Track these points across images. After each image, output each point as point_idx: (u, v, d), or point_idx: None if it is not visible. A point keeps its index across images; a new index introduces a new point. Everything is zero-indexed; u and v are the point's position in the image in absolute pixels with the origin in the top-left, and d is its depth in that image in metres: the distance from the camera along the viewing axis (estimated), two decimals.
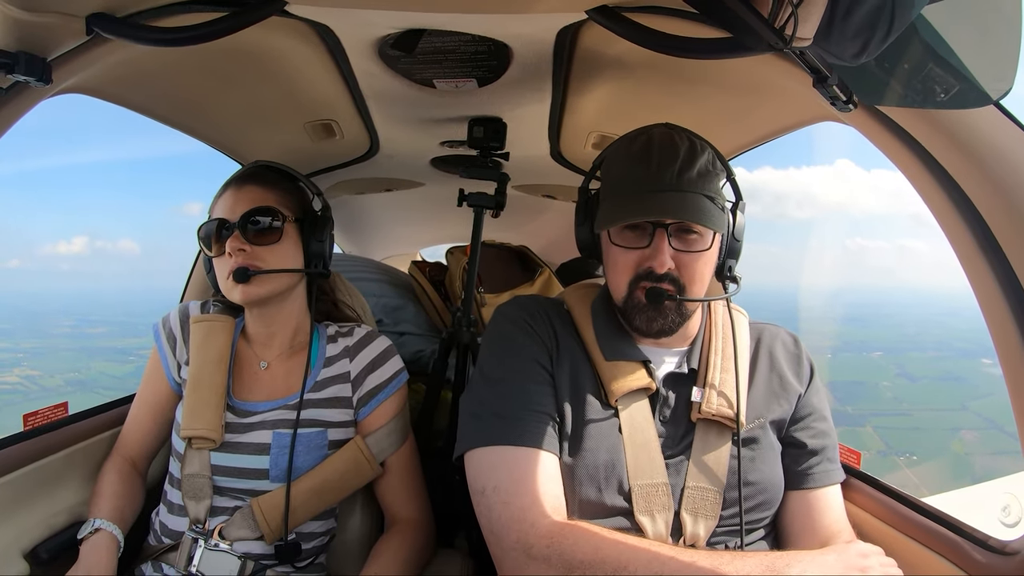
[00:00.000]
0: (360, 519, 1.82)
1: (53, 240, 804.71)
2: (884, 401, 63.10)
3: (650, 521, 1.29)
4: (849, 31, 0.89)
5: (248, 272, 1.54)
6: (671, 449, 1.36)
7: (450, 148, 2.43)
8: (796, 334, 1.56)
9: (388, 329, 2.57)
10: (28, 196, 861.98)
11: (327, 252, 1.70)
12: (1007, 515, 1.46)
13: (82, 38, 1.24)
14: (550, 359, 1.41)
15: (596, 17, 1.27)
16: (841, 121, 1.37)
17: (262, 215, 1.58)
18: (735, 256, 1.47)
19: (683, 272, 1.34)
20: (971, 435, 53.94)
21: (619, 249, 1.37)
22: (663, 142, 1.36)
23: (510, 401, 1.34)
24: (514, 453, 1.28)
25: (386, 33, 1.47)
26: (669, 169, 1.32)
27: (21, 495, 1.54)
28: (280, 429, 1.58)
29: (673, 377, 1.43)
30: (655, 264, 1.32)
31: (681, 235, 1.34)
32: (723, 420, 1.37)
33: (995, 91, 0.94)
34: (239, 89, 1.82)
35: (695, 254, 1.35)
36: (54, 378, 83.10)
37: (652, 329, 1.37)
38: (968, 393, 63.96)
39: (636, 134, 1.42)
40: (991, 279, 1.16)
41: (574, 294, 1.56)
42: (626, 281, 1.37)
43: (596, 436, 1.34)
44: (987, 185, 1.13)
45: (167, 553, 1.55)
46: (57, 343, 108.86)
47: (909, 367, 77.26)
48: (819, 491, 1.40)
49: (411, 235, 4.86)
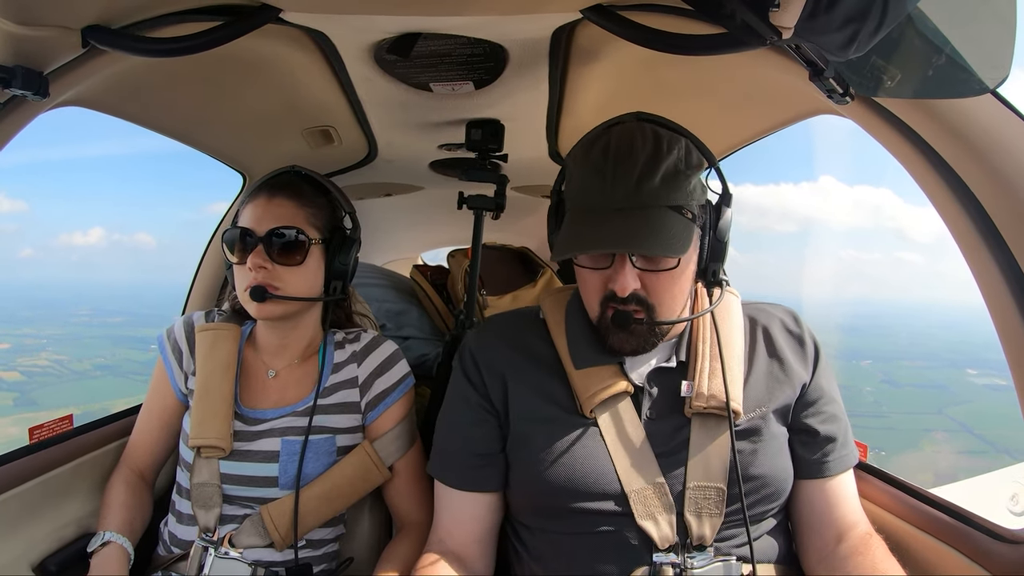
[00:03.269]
0: (369, 524, 1.82)
1: (70, 230, 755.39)
2: (864, 404, 65.77)
3: (654, 525, 1.26)
4: (834, 22, 0.88)
5: (266, 294, 1.53)
6: (664, 446, 1.32)
7: (448, 151, 2.43)
8: (796, 311, 1.48)
9: (392, 334, 2.58)
10: (51, 187, 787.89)
11: (350, 273, 1.69)
12: (1016, 504, 1.47)
13: (78, 51, 1.25)
14: (502, 388, 1.41)
15: (591, 16, 1.28)
16: (838, 114, 1.36)
17: (288, 234, 1.56)
18: (719, 258, 1.36)
19: (651, 293, 1.28)
20: (942, 436, 58.38)
21: (584, 270, 1.32)
22: (620, 146, 1.26)
23: (452, 442, 1.47)
24: (446, 491, 1.46)
25: (382, 38, 1.47)
26: (625, 182, 1.23)
27: (29, 508, 1.54)
28: (289, 436, 1.58)
29: (660, 372, 1.38)
30: (616, 288, 1.26)
31: (644, 255, 1.26)
32: (718, 412, 1.31)
33: (991, 80, 0.94)
34: (236, 98, 1.83)
35: (662, 273, 1.27)
36: (83, 363, 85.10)
37: (626, 350, 1.33)
38: (948, 400, 67.51)
39: (597, 134, 1.33)
40: (993, 267, 1.16)
41: (549, 300, 1.52)
42: (596, 301, 1.32)
43: (575, 450, 1.32)
44: (986, 174, 1.13)
45: (177, 563, 1.56)
46: (78, 331, 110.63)
47: (895, 375, 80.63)
48: (835, 479, 1.36)
49: (412, 239, 4.86)
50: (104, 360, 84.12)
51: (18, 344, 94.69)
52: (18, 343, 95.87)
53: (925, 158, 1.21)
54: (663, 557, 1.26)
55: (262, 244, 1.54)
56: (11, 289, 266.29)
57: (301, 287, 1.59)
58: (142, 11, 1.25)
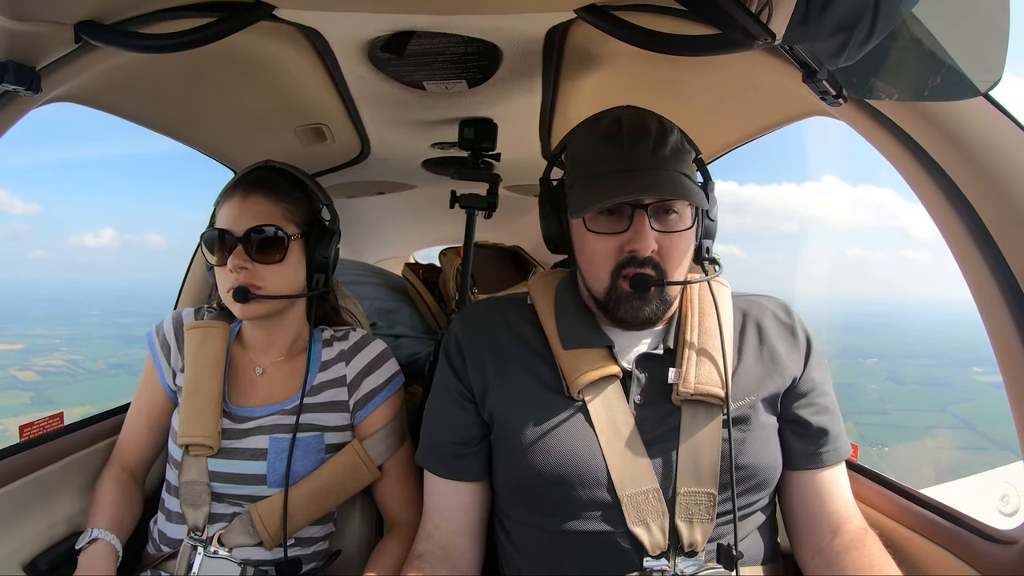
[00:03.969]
0: (359, 523, 1.82)
1: (80, 232, 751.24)
2: (869, 401, 66.16)
3: (645, 531, 1.25)
4: (826, 28, 0.89)
5: (249, 294, 1.52)
6: (653, 432, 1.31)
7: (441, 150, 2.43)
8: (787, 303, 1.49)
9: (383, 332, 2.57)
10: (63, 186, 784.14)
11: (331, 265, 1.69)
12: (1006, 504, 1.48)
13: (71, 46, 1.24)
14: (482, 373, 1.42)
15: (585, 16, 1.28)
16: (831, 115, 1.37)
17: (267, 232, 1.55)
18: (711, 236, 1.42)
19: (664, 255, 1.28)
20: (944, 433, 58.58)
21: (596, 236, 1.30)
22: (632, 121, 1.30)
23: (434, 430, 1.48)
24: (432, 480, 1.47)
25: (375, 36, 1.46)
26: (643, 146, 1.27)
27: (20, 506, 1.53)
28: (277, 434, 1.57)
29: (648, 358, 1.37)
30: (639, 247, 1.26)
31: (660, 215, 1.28)
32: (708, 399, 1.30)
33: (983, 83, 0.95)
34: (229, 95, 1.82)
35: (676, 234, 1.29)
36: (97, 362, 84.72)
37: (639, 319, 1.32)
38: (952, 397, 67.91)
39: (600, 115, 1.36)
40: (985, 271, 1.16)
41: (537, 283, 1.52)
42: (608, 271, 1.30)
43: (561, 431, 1.32)
44: (978, 177, 1.14)
45: (166, 561, 1.55)
46: (90, 331, 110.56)
47: (900, 373, 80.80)
48: (827, 471, 1.36)
49: (404, 237, 4.86)
50: (118, 359, 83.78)
51: (32, 344, 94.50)
52: (32, 343, 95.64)
53: (917, 160, 1.21)
54: (653, 563, 1.25)
55: (241, 244, 1.53)
56: (22, 289, 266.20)
57: (283, 285, 1.58)
58: (135, 7, 1.25)
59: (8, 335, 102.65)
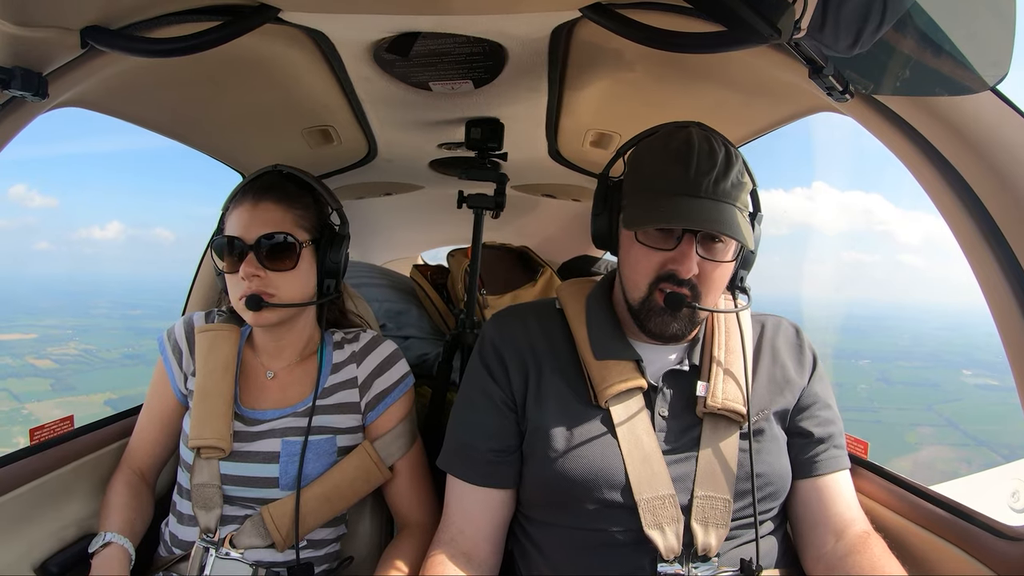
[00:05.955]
0: (371, 524, 1.82)
1: (87, 225, 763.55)
2: (857, 400, 68.15)
3: (660, 535, 1.27)
4: (843, 22, 0.89)
5: (261, 302, 1.52)
6: (675, 443, 1.36)
7: (448, 150, 2.43)
8: (798, 324, 1.55)
9: (392, 333, 2.58)
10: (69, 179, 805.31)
11: (342, 270, 1.68)
12: (1016, 500, 1.47)
13: (77, 52, 1.24)
14: (524, 381, 1.43)
15: (590, 14, 1.27)
16: (838, 111, 1.36)
17: (278, 239, 1.54)
18: (748, 267, 1.48)
19: (703, 280, 1.33)
20: (926, 430, 61.05)
21: (644, 249, 1.34)
22: (703, 146, 1.32)
23: (471, 436, 1.46)
24: (459, 486, 1.45)
25: (381, 37, 1.47)
26: (707, 176, 1.29)
27: (30, 509, 1.54)
28: (289, 437, 1.58)
29: (674, 374, 1.42)
30: (680, 269, 1.31)
31: (707, 243, 1.32)
32: (729, 413, 1.36)
33: (991, 77, 0.94)
34: (235, 98, 1.82)
35: (717, 263, 1.34)
36: (111, 352, 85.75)
37: (666, 334, 1.36)
38: (939, 397, 69.94)
39: (673, 130, 1.39)
40: (994, 265, 1.16)
41: (568, 291, 1.55)
42: (647, 282, 1.35)
43: (589, 441, 1.34)
44: (986, 171, 1.13)
45: (178, 563, 1.56)
46: (100, 322, 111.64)
47: (891, 374, 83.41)
48: (828, 478, 1.40)
49: (412, 238, 4.86)
50: (132, 349, 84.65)
51: (45, 334, 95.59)
52: (45, 333, 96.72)
53: (925, 155, 1.21)
54: (667, 567, 1.28)
55: (252, 252, 1.52)
56: (28, 281, 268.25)
57: (295, 292, 1.58)
58: (141, 11, 1.25)
59: (20, 325, 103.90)
